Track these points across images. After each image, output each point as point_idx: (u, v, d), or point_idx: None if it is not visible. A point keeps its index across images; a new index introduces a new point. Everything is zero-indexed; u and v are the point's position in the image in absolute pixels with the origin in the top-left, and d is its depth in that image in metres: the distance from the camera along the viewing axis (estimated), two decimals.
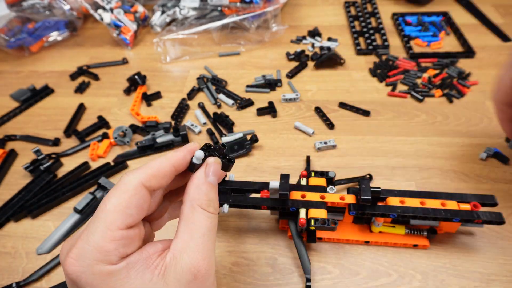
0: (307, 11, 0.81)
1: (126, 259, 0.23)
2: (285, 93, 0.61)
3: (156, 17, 0.77)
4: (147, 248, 0.24)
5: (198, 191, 0.26)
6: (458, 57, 0.65)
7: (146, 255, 0.24)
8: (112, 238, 0.22)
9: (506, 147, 0.50)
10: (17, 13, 0.75)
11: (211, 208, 0.26)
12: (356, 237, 0.40)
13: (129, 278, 0.22)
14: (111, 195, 0.24)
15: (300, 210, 0.37)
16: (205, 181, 0.26)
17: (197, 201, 0.26)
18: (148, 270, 0.23)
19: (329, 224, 0.35)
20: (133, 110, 0.60)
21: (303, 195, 0.38)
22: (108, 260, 0.22)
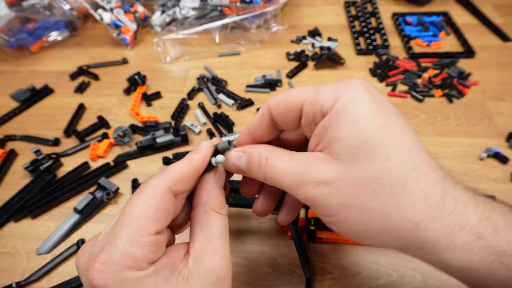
0: (307, 11, 0.81)
1: (154, 265, 0.23)
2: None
3: (156, 17, 0.77)
4: (172, 252, 0.24)
5: (209, 195, 0.26)
6: (458, 57, 0.65)
7: (172, 260, 0.24)
8: (141, 244, 0.22)
9: (506, 147, 0.50)
10: (17, 13, 0.75)
11: (223, 211, 0.26)
12: None
13: (157, 284, 0.22)
14: (138, 199, 0.23)
15: (300, 210, 0.37)
16: (215, 186, 0.27)
17: (210, 205, 0.26)
18: (173, 275, 0.23)
19: None
20: (133, 110, 0.60)
21: None
22: (137, 266, 0.22)
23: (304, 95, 0.25)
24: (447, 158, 0.49)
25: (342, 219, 0.23)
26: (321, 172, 0.23)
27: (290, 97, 0.26)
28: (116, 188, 0.47)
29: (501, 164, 0.48)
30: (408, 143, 0.22)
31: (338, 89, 0.23)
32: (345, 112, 0.22)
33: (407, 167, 0.21)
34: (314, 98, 0.24)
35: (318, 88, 0.25)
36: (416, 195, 0.21)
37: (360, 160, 0.22)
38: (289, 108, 0.26)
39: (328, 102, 0.23)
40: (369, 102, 0.23)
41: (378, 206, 0.22)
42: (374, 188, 0.22)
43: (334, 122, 0.23)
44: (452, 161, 0.49)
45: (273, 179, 0.26)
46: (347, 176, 0.22)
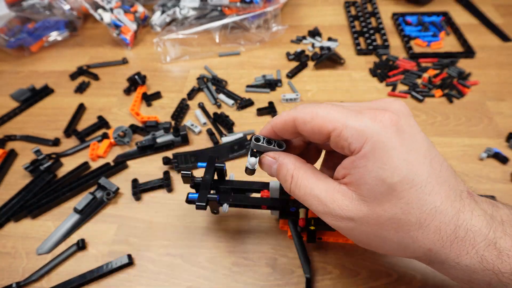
0: (307, 11, 0.81)
1: None
2: (285, 93, 0.61)
3: (156, 17, 0.77)
4: None
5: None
6: (458, 57, 0.65)
7: None
8: None
9: (506, 147, 0.50)
10: (17, 13, 0.75)
11: None
12: None
13: None
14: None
15: (300, 210, 0.37)
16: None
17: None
18: None
19: None
20: (133, 110, 0.60)
21: None
22: None
23: (332, 125, 0.25)
24: (447, 158, 0.49)
25: (365, 243, 0.27)
26: (347, 209, 0.25)
27: (317, 121, 0.26)
28: (116, 188, 0.47)
29: (501, 164, 0.48)
30: (431, 185, 0.24)
31: (367, 128, 0.24)
32: (373, 158, 0.24)
33: (426, 208, 0.24)
34: (342, 133, 0.25)
35: (347, 119, 0.25)
36: (430, 230, 0.24)
37: (383, 204, 0.24)
38: (315, 131, 0.26)
39: (356, 143, 0.24)
40: (397, 147, 0.24)
41: (396, 238, 0.25)
42: (394, 226, 0.25)
43: (362, 165, 0.24)
44: (452, 161, 0.49)
45: (298, 198, 0.28)
46: (371, 216, 0.25)
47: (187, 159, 0.51)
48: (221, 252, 0.41)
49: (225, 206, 0.37)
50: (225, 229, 0.43)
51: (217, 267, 0.40)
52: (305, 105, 0.27)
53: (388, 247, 0.26)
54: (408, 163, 0.24)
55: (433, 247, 0.24)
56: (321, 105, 0.26)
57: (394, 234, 0.25)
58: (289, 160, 0.29)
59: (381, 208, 0.24)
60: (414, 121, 0.26)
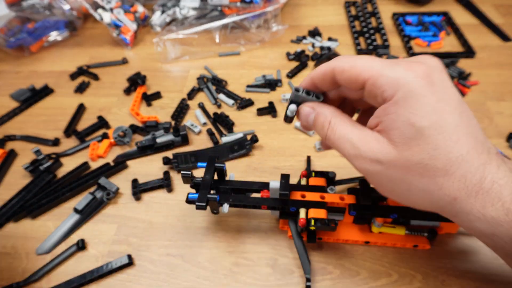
0: (307, 11, 0.81)
1: None
2: (285, 93, 0.61)
3: (156, 17, 0.77)
4: None
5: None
6: (458, 57, 0.65)
7: None
8: None
9: (506, 147, 0.50)
10: (17, 13, 0.75)
11: None
12: (356, 237, 0.40)
13: None
14: None
15: (300, 210, 0.37)
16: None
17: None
18: None
19: (329, 224, 0.35)
20: (133, 110, 0.60)
21: (303, 195, 0.38)
22: None
23: (368, 73, 0.26)
24: None
25: (390, 190, 0.28)
26: (377, 151, 0.26)
27: (355, 69, 0.27)
28: (116, 188, 0.47)
29: None
30: (459, 134, 0.25)
31: (401, 77, 0.25)
32: (404, 104, 0.25)
33: (453, 156, 0.25)
34: (377, 81, 0.26)
35: (383, 69, 0.26)
36: (456, 178, 0.25)
37: (412, 148, 0.25)
38: (352, 79, 0.27)
39: (389, 90, 0.25)
40: (428, 95, 0.25)
41: (422, 185, 0.26)
42: (420, 171, 0.25)
43: (393, 111, 0.25)
44: None
45: (333, 143, 0.29)
46: (399, 159, 0.26)
47: (187, 159, 0.51)
48: (221, 252, 0.41)
49: (225, 206, 0.37)
50: (225, 229, 0.43)
51: (217, 267, 0.40)
52: (345, 56, 0.29)
53: (414, 195, 0.27)
54: (437, 111, 0.25)
55: (459, 195, 0.25)
56: (360, 56, 0.28)
57: (420, 179, 0.26)
58: (327, 109, 0.30)
59: (409, 152, 0.25)
60: (447, 76, 0.27)
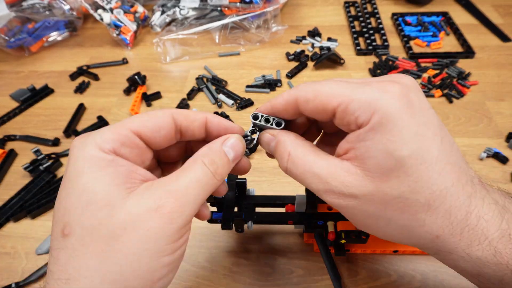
0: (307, 11, 0.81)
1: (115, 156, 0.23)
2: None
3: (156, 17, 0.77)
4: (139, 168, 0.24)
5: (208, 150, 0.26)
6: (458, 57, 0.65)
7: (133, 169, 0.23)
8: (116, 131, 0.24)
9: (506, 147, 0.50)
10: (17, 13, 0.75)
11: (212, 168, 0.25)
12: (385, 246, 0.38)
13: (104, 171, 0.22)
14: (147, 112, 0.26)
15: (328, 224, 0.36)
16: (219, 147, 0.26)
17: (202, 156, 0.25)
18: (124, 178, 0.22)
19: (360, 236, 0.34)
20: (133, 110, 0.60)
21: (329, 206, 0.37)
22: (100, 146, 0.23)
23: (337, 100, 0.23)
24: None
25: (366, 225, 0.25)
26: (350, 185, 0.23)
27: (321, 98, 0.24)
28: None
29: (500, 164, 0.48)
30: (442, 164, 0.22)
31: (375, 99, 0.22)
32: (382, 130, 0.22)
33: (436, 189, 0.22)
34: (348, 107, 0.23)
35: (353, 93, 0.23)
36: (439, 213, 0.22)
37: (390, 180, 0.22)
38: (319, 109, 0.24)
39: (364, 115, 0.22)
40: (407, 119, 0.22)
41: (401, 221, 0.23)
42: (400, 206, 0.22)
43: (369, 138, 0.22)
44: None
45: (295, 177, 0.26)
46: (376, 193, 0.23)
47: None
48: (221, 252, 0.41)
49: (250, 224, 0.36)
50: None
51: (217, 267, 0.40)
52: (306, 83, 0.25)
53: (392, 231, 0.24)
54: (418, 137, 0.22)
55: (442, 233, 0.22)
56: (323, 81, 0.25)
57: (400, 215, 0.23)
58: (287, 138, 0.27)
59: (387, 185, 0.22)
60: (424, 96, 0.24)
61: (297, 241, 0.42)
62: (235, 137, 0.27)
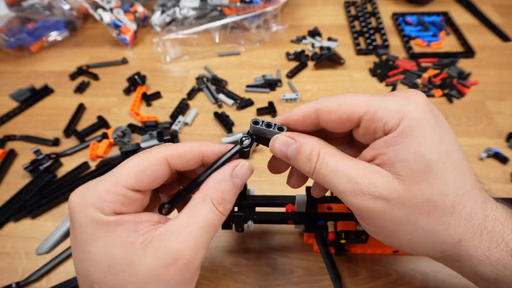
0: (307, 11, 0.81)
1: (118, 216, 0.23)
2: (285, 93, 0.61)
3: (156, 17, 0.77)
4: (142, 214, 0.25)
5: (217, 185, 0.26)
6: (458, 57, 0.65)
7: (138, 219, 0.24)
8: (114, 191, 0.23)
9: (506, 147, 0.50)
10: (16, 13, 0.75)
11: (221, 207, 0.25)
12: (385, 247, 0.38)
13: (114, 233, 0.23)
14: (135, 157, 0.25)
15: (328, 224, 0.36)
16: (228, 179, 0.26)
17: (211, 194, 0.25)
18: (134, 233, 0.23)
19: (361, 236, 0.34)
20: (132, 110, 0.60)
21: (330, 207, 0.37)
22: (101, 209, 0.23)
23: (363, 108, 0.24)
24: None
25: (391, 232, 0.25)
26: (381, 187, 0.23)
27: (346, 107, 0.24)
28: None
29: (501, 164, 0.48)
30: (463, 169, 0.24)
31: (403, 107, 0.23)
32: (411, 134, 0.23)
33: (461, 192, 0.23)
34: (376, 114, 0.23)
35: (380, 101, 0.24)
36: (463, 216, 0.23)
37: (420, 183, 0.23)
38: (343, 119, 0.24)
39: (393, 120, 0.23)
40: (434, 125, 0.23)
41: (428, 224, 0.23)
42: (428, 209, 0.23)
43: (399, 142, 0.23)
44: None
45: (323, 178, 0.25)
46: (406, 196, 0.23)
47: None
48: (221, 252, 0.41)
49: (250, 223, 0.36)
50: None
51: (217, 267, 0.40)
52: (327, 96, 0.25)
53: (417, 237, 0.24)
54: (444, 142, 0.23)
55: (464, 236, 0.23)
56: (343, 94, 0.25)
57: (427, 218, 0.23)
58: (311, 139, 0.26)
59: (417, 188, 0.23)
60: None
61: (297, 241, 0.42)
62: (245, 167, 0.27)
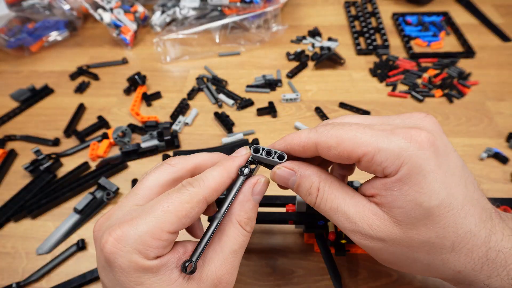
0: (307, 11, 0.81)
1: (160, 258, 0.23)
2: (285, 93, 0.61)
3: (156, 17, 0.77)
4: (178, 248, 0.25)
5: (240, 207, 0.26)
6: (458, 57, 0.65)
7: (177, 256, 0.24)
8: (159, 238, 0.23)
9: (506, 147, 0.50)
10: (17, 13, 0.75)
11: (248, 227, 0.26)
12: None
13: (158, 275, 0.23)
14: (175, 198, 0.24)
15: (328, 224, 0.36)
16: (250, 199, 0.26)
17: (237, 217, 0.26)
18: (176, 270, 0.24)
19: None
20: (133, 110, 0.60)
21: None
22: (146, 255, 0.23)
23: (362, 150, 0.23)
24: None
25: (391, 262, 0.26)
26: (378, 229, 0.24)
27: (344, 146, 0.23)
28: (116, 188, 0.47)
29: (501, 164, 0.48)
30: (467, 207, 0.23)
31: (403, 151, 0.22)
32: (410, 181, 0.22)
33: (461, 232, 0.23)
34: (375, 157, 0.23)
35: (380, 142, 0.23)
36: (463, 252, 0.23)
37: (418, 227, 0.23)
38: (342, 157, 0.24)
39: (391, 166, 0.23)
40: (435, 169, 0.22)
41: (426, 260, 0.24)
42: (426, 249, 0.24)
43: (397, 188, 0.23)
44: None
45: (323, 212, 0.26)
46: (403, 238, 0.23)
47: None
48: None
49: None
50: None
51: None
52: (327, 126, 0.24)
53: (416, 268, 0.25)
54: (445, 187, 0.22)
55: (463, 269, 0.24)
56: (345, 126, 0.24)
57: (425, 256, 0.24)
58: (312, 172, 0.26)
59: (415, 232, 0.23)
60: (446, 138, 0.24)
61: (298, 241, 0.42)
62: (262, 183, 0.27)
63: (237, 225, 0.26)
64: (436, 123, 0.25)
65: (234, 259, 0.25)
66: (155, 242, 0.23)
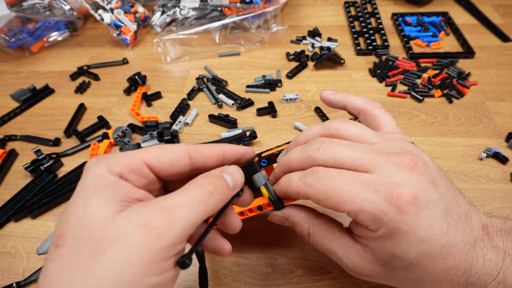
0: (307, 11, 0.81)
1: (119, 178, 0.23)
2: (285, 93, 0.61)
3: (156, 17, 0.77)
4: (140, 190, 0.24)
5: (207, 174, 0.26)
6: (458, 57, 0.66)
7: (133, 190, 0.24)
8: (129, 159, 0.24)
9: (505, 147, 0.50)
10: (17, 13, 0.75)
11: (210, 186, 0.24)
12: None
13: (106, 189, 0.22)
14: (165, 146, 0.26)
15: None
16: (218, 173, 0.26)
17: (200, 178, 0.25)
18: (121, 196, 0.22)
19: None
20: (133, 110, 0.60)
21: None
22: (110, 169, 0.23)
23: (346, 207, 0.24)
24: (446, 158, 0.49)
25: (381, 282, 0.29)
26: (363, 269, 0.27)
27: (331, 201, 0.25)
28: None
29: (500, 164, 0.48)
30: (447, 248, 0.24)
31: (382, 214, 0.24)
32: (388, 239, 0.25)
33: (440, 270, 0.25)
34: (358, 216, 0.25)
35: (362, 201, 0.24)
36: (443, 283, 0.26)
37: (399, 270, 0.26)
38: (330, 208, 0.26)
39: (372, 226, 0.25)
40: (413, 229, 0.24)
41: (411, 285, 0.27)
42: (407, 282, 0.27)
43: (378, 241, 0.25)
44: (452, 161, 0.49)
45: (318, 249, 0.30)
46: (387, 275, 0.27)
47: None
48: None
49: None
50: None
51: (217, 267, 0.40)
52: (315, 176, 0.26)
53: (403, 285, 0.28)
54: (423, 242, 0.24)
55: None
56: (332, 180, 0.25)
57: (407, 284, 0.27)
58: (301, 218, 0.30)
59: (397, 272, 0.26)
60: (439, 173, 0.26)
61: (298, 240, 0.42)
62: (234, 166, 0.28)
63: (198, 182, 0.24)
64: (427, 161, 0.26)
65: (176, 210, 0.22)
66: (123, 161, 0.24)
